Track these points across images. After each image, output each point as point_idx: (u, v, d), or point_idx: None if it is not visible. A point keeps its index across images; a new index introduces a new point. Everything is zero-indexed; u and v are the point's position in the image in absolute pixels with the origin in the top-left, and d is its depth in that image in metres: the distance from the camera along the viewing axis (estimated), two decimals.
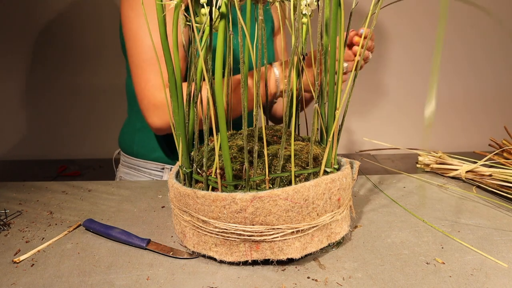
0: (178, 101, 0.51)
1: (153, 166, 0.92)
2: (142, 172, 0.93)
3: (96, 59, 1.37)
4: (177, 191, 0.52)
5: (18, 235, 0.59)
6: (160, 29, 0.47)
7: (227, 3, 0.44)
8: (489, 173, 0.72)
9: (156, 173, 0.92)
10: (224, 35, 0.44)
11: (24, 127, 1.45)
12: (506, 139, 0.83)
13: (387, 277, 0.48)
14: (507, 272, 0.49)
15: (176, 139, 0.53)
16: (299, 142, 0.58)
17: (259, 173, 0.49)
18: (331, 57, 0.49)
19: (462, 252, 0.53)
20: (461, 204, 0.68)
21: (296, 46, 0.46)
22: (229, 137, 0.60)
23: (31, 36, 1.35)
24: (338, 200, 0.51)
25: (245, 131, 0.46)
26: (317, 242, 0.50)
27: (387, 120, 1.58)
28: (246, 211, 0.47)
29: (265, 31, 0.50)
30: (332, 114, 0.52)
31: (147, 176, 0.92)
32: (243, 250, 0.49)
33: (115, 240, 0.57)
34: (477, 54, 1.52)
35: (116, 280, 0.48)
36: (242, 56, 0.46)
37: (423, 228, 0.60)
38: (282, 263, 0.50)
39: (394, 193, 0.73)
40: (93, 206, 0.69)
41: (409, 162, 0.95)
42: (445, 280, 0.47)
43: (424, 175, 0.83)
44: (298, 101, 0.59)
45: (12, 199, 0.72)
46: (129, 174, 0.95)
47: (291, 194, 0.47)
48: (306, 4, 0.49)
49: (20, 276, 0.49)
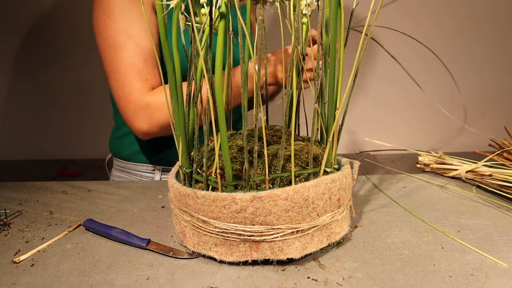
0: (178, 101, 0.51)
1: (143, 168, 0.93)
2: (134, 175, 0.94)
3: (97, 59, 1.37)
4: (177, 191, 0.52)
5: (18, 235, 0.59)
6: (160, 29, 0.47)
7: (227, 3, 0.44)
8: (489, 173, 0.72)
9: (147, 175, 0.93)
10: (224, 35, 0.44)
11: (24, 127, 1.45)
12: (506, 139, 0.83)
13: (387, 277, 0.48)
14: (507, 272, 0.49)
15: (176, 139, 0.53)
16: (299, 142, 0.58)
17: (259, 173, 0.49)
18: (331, 57, 0.49)
19: (462, 252, 0.53)
20: (461, 204, 0.68)
21: (296, 46, 0.47)
22: (229, 137, 0.60)
23: (33, 35, 1.35)
24: (338, 200, 0.51)
25: (245, 131, 0.46)
26: (317, 242, 0.50)
27: (388, 120, 1.58)
28: (246, 211, 0.47)
29: (265, 31, 0.50)
30: (332, 114, 0.52)
31: (138, 179, 0.94)
32: (243, 250, 0.49)
33: (115, 240, 0.57)
34: (477, 54, 1.52)
35: (116, 280, 0.48)
36: (242, 56, 0.46)
37: (423, 228, 0.60)
38: (282, 263, 0.50)
39: (394, 193, 0.73)
40: (93, 206, 0.69)
41: (409, 162, 0.95)
42: (445, 280, 0.47)
43: (424, 175, 0.83)
44: (298, 100, 0.59)
45: (12, 199, 0.72)
46: (121, 178, 0.96)
47: (291, 194, 0.47)
48: (306, 4, 0.49)
49: (20, 276, 0.49)
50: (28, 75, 1.39)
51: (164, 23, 0.47)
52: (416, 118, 1.58)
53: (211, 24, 0.45)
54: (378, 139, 0.92)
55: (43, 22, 1.35)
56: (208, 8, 0.44)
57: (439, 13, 1.47)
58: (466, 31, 1.49)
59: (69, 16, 1.34)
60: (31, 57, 1.38)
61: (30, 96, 1.41)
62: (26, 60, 1.38)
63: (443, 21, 1.48)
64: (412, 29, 1.48)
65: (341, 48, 0.48)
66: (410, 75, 0.41)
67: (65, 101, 1.42)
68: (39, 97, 1.41)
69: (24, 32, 1.35)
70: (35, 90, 1.41)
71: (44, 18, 1.34)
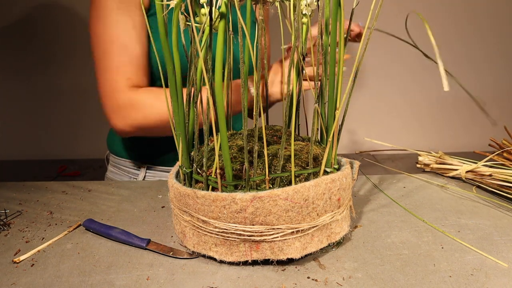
0: (178, 101, 0.51)
1: (130, 165, 0.94)
2: (123, 171, 0.95)
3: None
4: (177, 191, 0.52)
5: (18, 235, 0.59)
6: (160, 29, 0.47)
7: (227, 3, 0.44)
8: (489, 173, 0.72)
9: (134, 172, 0.94)
10: (224, 35, 0.44)
11: (24, 127, 1.45)
12: (506, 139, 0.83)
13: (387, 277, 0.48)
14: (507, 272, 0.49)
15: (176, 139, 0.53)
16: (299, 142, 0.58)
17: (259, 173, 0.49)
18: (331, 57, 0.49)
19: (462, 252, 0.53)
20: (461, 204, 0.68)
21: (296, 46, 0.46)
22: (229, 137, 0.60)
23: (32, 35, 1.35)
24: (338, 200, 0.51)
25: (245, 131, 0.46)
26: (317, 242, 0.50)
27: (388, 120, 1.58)
28: (246, 211, 0.47)
29: (264, 31, 0.50)
30: (332, 114, 0.52)
31: (125, 175, 0.95)
32: (243, 250, 0.49)
33: (115, 240, 0.57)
34: (477, 54, 1.52)
35: (116, 280, 0.48)
36: (242, 56, 0.46)
37: (423, 228, 0.60)
38: (282, 263, 0.50)
39: (394, 193, 0.73)
40: (93, 206, 0.69)
41: (409, 162, 0.95)
42: (445, 280, 0.47)
43: (424, 175, 0.83)
44: (298, 100, 0.59)
45: (12, 199, 0.72)
46: (112, 172, 0.98)
47: (291, 194, 0.47)
48: (306, 4, 0.49)
49: (20, 276, 0.49)
50: (28, 75, 1.39)
51: (164, 23, 0.47)
52: (416, 118, 1.58)
53: (211, 24, 0.45)
54: (378, 139, 0.92)
55: (43, 22, 1.35)
56: (208, 8, 0.44)
57: (439, 13, 1.47)
58: (465, 31, 1.49)
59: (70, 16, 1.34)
60: (31, 57, 1.38)
61: (30, 96, 1.41)
62: (26, 60, 1.38)
63: (443, 21, 1.48)
64: (412, 28, 1.48)
65: (341, 48, 0.48)
66: (440, 65, 0.41)
67: (65, 101, 1.42)
68: (39, 97, 1.41)
69: (24, 32, 1.35)
70: (35, 90, 1.41)
71: (44, 18, 1.34)
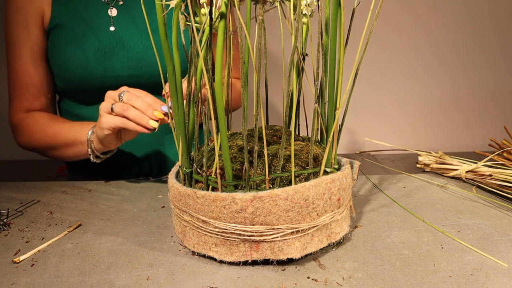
0: (178, 101, 0.51)
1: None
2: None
3: None
4: (177, 191, 0.52)
5: (18, 235, 0.59)
6: (160, 29, 0.47)
7: (227, 3, 0.44)
8: (489, 173, 0.72)
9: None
10: (224, 35, 0.44)
11: None
12: (506, 139, 0.83)
13: (387, 277, 0.48)
14: (507, 272, 0.49)
15: (176, 139, 0.53)
16: (299, 142, 0.58)
17: (259, 173, 0.49)
18: (331, 57, 0.49)
19: (462, 252, 0.53)
20: (461, 204, 0.68)
21: (296, 46, 0.46)
22: (229, 137, 0.60)
23: None
24: (338, 200, 0.51)
25: (245, 131, 0.46)
26: (317, 242, 0.50)
27: (387, 120, 1.58)
28: (246, 211, 0.47)
29: (264, 31, 0.50)
30: (332, 114, 0.52)
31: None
32: (243, 250, 0.49)
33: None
34: (477, 53, 1.52)
35: (116, 280, 0.48)
36: (242, 56, 0.46)
37: (423, 228, 0.60)
38: (282, 263, 0.50)
39: (394, 193, 0.73)
40: (93, 206, 0.69)
41: (409, 162, 0.95)
42: (445, 280, 0.47)
43: (424, 175, 0.83)
44: (298, 100, 0.59)
45: (12, 199, 0.72)
46: None
47: (291, 194, 0.47)
48: (306, 4, 0.49)
49: (20, 276, 0.49)
50: None
51: (164, 23, 0.47)
52: (416, 118, 1.58)
53: (211, 24, 0.45)
54: (378, 139, 0.92)
55: None
56: (208, 8, 0.44)
57: (439, 13, 1.47)
58: (466, 30, 1.49)
59: None
60: None
61: None
62: None
63: (443, 20, 1.48)
64: (412, 28, 1.48)
65: (341, 48, 0.48)
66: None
67: None
68: None
69: None
70: None
71: None
